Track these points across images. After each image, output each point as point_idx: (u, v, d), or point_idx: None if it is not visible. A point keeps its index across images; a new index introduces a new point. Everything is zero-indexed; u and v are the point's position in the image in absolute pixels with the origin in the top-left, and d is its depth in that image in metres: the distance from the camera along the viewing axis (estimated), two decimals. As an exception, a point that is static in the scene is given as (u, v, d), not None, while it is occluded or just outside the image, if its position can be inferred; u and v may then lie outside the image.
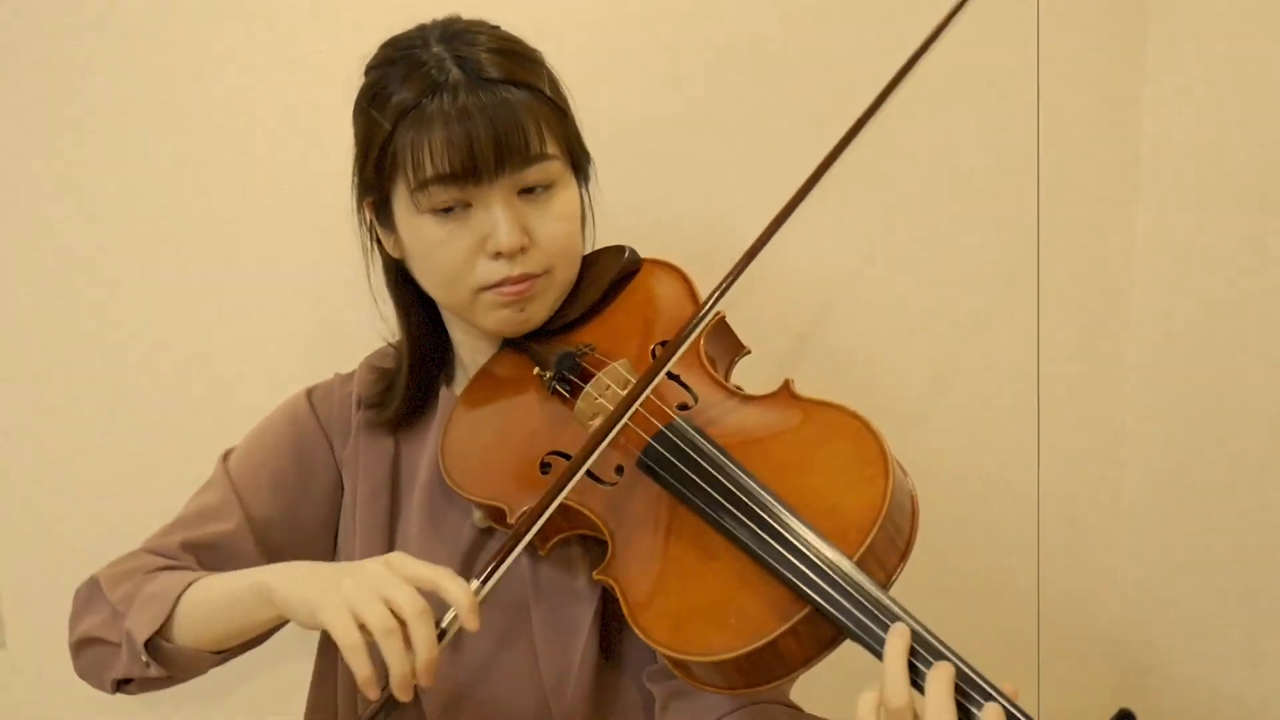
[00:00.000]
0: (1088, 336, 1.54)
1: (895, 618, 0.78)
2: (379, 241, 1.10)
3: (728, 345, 1.08)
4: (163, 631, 0.97)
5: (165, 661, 0.99)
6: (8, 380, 1.35)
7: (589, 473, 0.97)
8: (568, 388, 1.03)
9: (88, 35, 1.31)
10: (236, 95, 1.33)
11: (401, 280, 1.10)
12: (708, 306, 0.97)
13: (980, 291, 1.51)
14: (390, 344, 1.16)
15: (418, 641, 0.81)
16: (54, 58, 1.30)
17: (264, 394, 1.18)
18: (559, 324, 1.09)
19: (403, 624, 0.82)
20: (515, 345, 1.10)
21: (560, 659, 1.02)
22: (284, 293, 1.37)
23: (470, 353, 1.13)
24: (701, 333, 1.00)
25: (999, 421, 1.54)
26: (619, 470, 0.97)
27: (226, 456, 1.13)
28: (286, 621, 0.93)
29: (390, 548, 1.09)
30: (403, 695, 0.82)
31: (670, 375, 1.02)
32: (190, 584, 0.98)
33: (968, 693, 0.75)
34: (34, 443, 1.36)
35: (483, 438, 1.06)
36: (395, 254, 1.08)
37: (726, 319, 1.08)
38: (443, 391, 1.14)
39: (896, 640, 0.77)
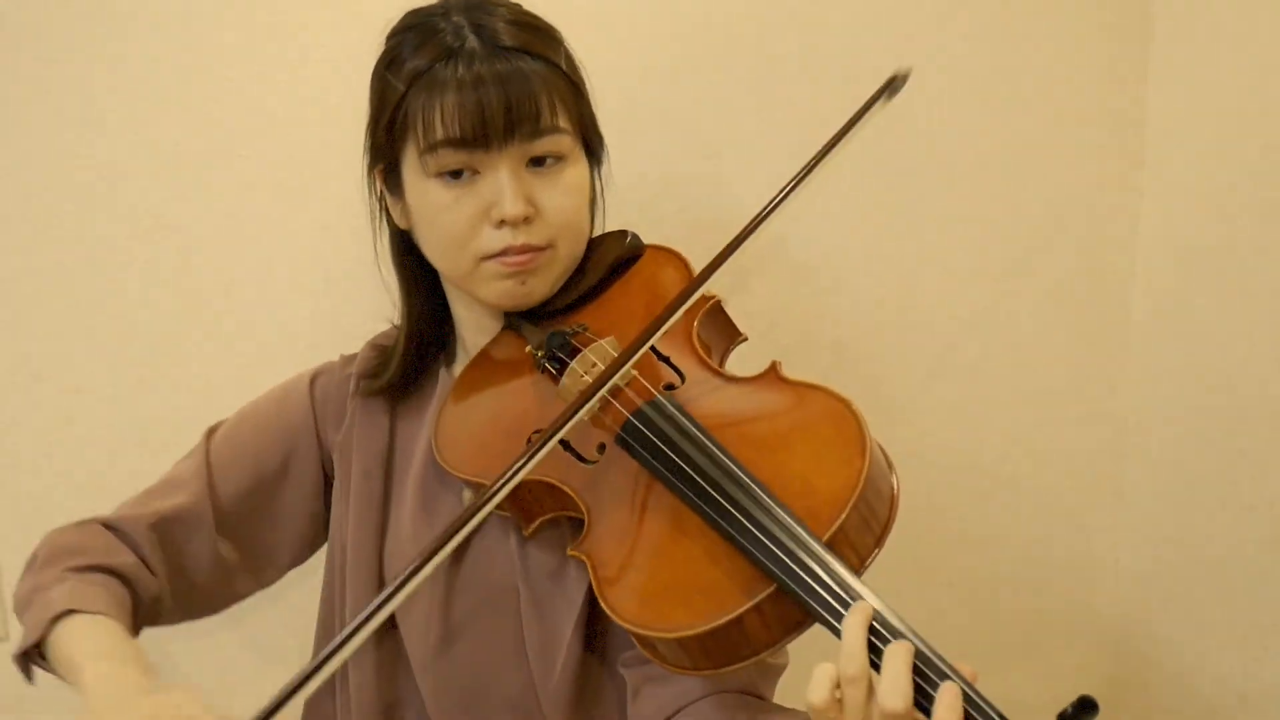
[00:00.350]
0: (1090, 331, 1.54)
1: (858, 598, 0.78)
2: (387, 212, 1.10)
3: (723, 331, 1.09)
4: (40, 644, 0.98)
5: (35, 668, 1.00)
6: (10, 373, 1.36)
7: (572, 450, 0.98)
8: (557, 366, 1.03)
9: (87, 28, 1.32)
10: (240, 89, 1.35)
11: (406, 252, 1.11)
12: (695, 285, 0.96)
13: (982, 286, 1.51)
14: (395, 325, 1.17)
15: None
16: (54, 52, 1.32)
17: (267, 386, 1.18)
18: (558, 305, 1.10)
19: None
20: (513, 327, 1.11)
21: (546, 642, 1.03)
22: (288, 283, 1.39)
23: (472, 332, 1.14)
24: (689, 309, 0.99)
25: (1000, 416, 1.54)
26: (601, 449, 0.97)
27: (212, 431, 1.14)
28: None
29: (383, 528, 1.10)
30: None
31: (660, 356, 1.02)
32: (66, 615, 0.97)
33: (925, 673, 0.74)
34: (36, 435, 1.38)
35: (475, 417, 1.06)
36: (402, 224, 1.09)
37: (723, 304, 1.08)
38: (442, 374, 1.15)
39: (856, 614, 0.76)
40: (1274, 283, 1.33)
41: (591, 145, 1.09)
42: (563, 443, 0.98)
